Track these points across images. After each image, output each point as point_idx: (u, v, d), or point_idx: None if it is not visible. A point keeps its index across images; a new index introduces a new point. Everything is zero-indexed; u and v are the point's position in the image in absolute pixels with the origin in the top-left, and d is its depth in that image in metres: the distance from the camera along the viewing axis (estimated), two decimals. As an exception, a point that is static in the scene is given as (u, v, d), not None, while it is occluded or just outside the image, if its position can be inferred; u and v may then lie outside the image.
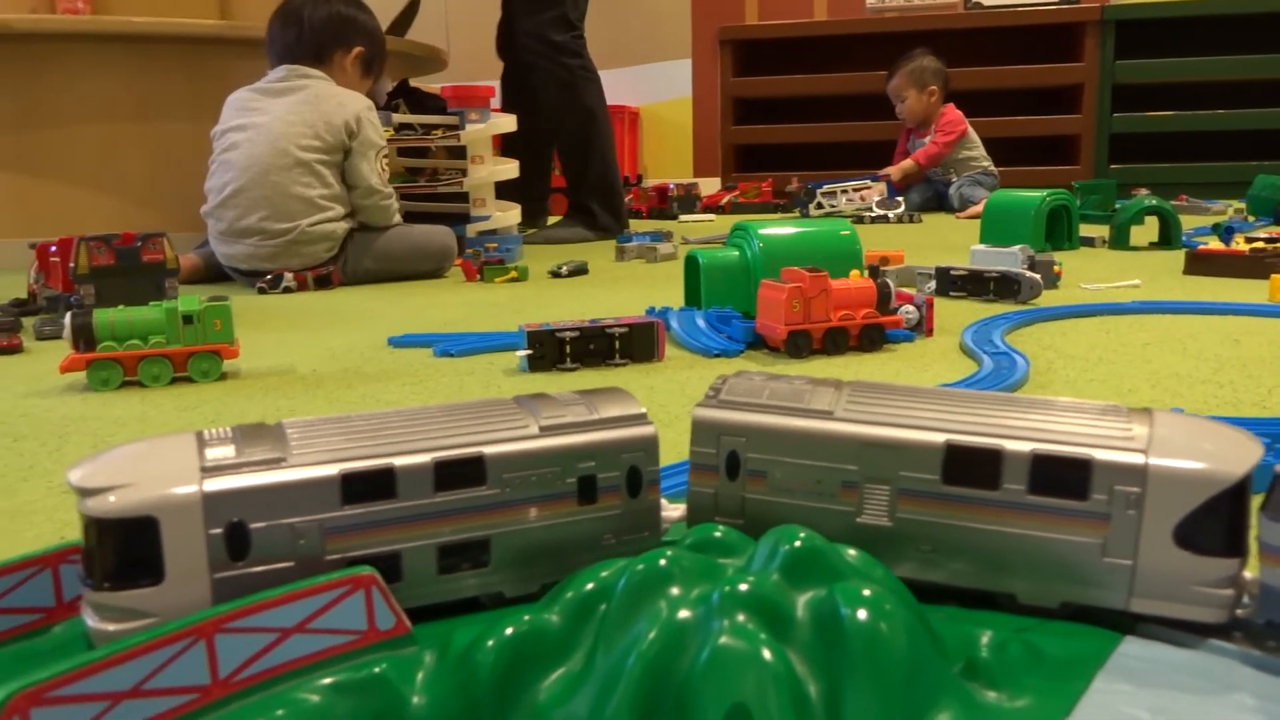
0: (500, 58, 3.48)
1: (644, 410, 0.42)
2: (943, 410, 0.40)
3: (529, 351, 1.36)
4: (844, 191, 4.07)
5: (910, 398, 0.41)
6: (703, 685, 0.30)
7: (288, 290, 2.30)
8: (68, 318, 1.32)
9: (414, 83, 3.04)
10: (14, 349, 1.61)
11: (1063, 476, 0.39)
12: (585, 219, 3.38)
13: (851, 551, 0.34)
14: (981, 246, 2.17)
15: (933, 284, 1.99)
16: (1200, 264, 2.13)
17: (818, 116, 5.10)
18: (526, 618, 0.33)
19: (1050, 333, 1.59)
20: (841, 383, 0.43)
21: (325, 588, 0.34)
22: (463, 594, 0.39)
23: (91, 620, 0.34)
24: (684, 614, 0.32)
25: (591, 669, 0.32)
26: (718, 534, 0.36)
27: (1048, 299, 1.87)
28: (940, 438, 0.39)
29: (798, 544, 0.33)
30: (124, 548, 0.33)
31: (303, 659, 0.33)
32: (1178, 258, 2.47)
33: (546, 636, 0.33)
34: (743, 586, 0.32)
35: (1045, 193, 2.66)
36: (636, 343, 1.42)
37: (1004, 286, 1.92)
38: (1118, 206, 3.29)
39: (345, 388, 1.30)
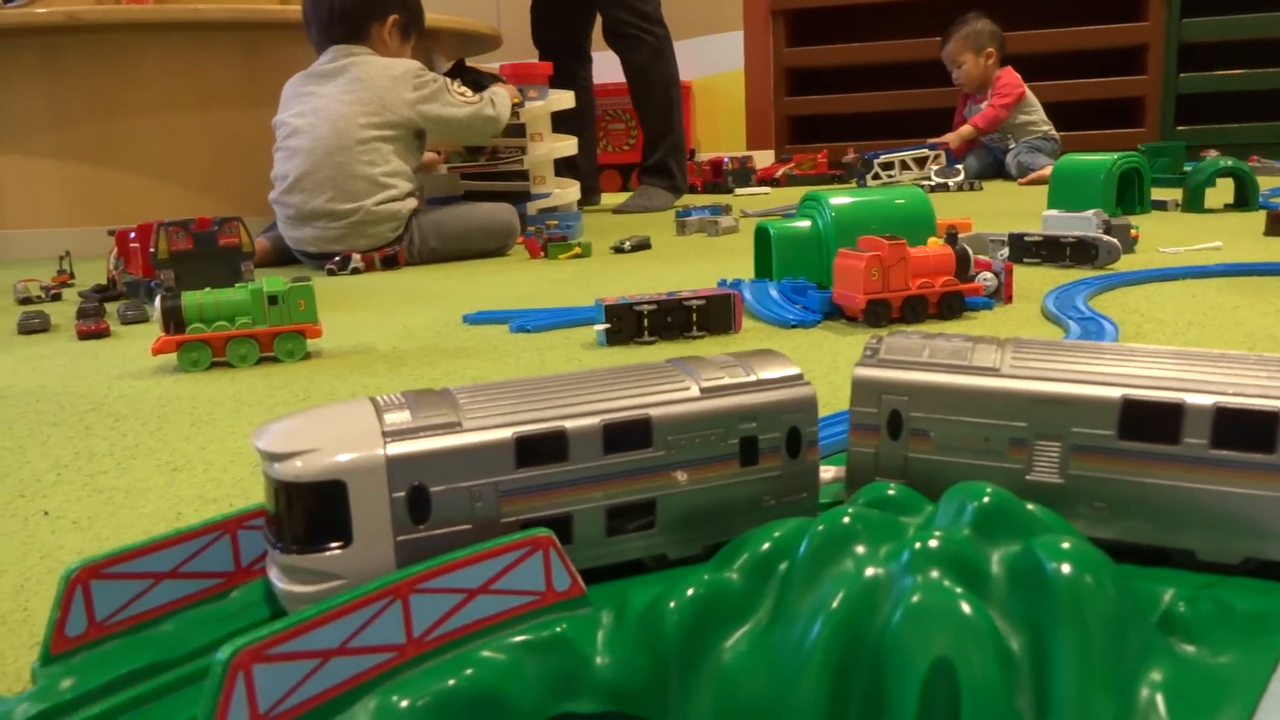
0: (537, 44, 3.55)
1: (800, 371, 0.42)
2: (1114, 365, 0.39)
3: (607, 325, 1.37)
4: (901, 161, 4.02)
5: (1078, 353, 0.40)
6: (900, 642, 0.30)
7: (356, 271, 2.32)
8: (157, 301, 1.35)
9: (470, 62, 3.05)
10: (102, 333, 1.65)
11: (1248, 430, 0.38)
12: (666, 180, 3.62)
13: (1030, 506, 0.34)
14: (1053, 212, 2.12)
15: (1005, 251, 1.96)
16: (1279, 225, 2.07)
17: (872, 85, 5.03)
18: (706, 577, 0.33)
19: (1134, 297, 1.56)
20: (1003, 339, 0.42)
21: (506, 549, 0.34)
22: (628, 556, 0.39)
23: (281, 582, 0.35)
24: (874, 572, 0.32)
25: (777, 629, 0.32)
26: (891, 492, 0.36)
27: (1126, 263, 1.83)
28: (1117, 392, 0.38)
29: (986, 499, 0.33)
30: (314, 511, 0.34)
31: (487, 619, 0.34)
32: (1256, 219, 2.40)
33: (728, 596, 0.33)
34: (933, 543, 0.31)
35: (1116, 155, 2.60)
36: (714, 315, 1.41)
37: (1081, 252, 1.88)
38: (1187, 169, 3.21)
39: (428, 365, 1.32)
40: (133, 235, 1.99)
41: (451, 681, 0.31)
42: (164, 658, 0.34)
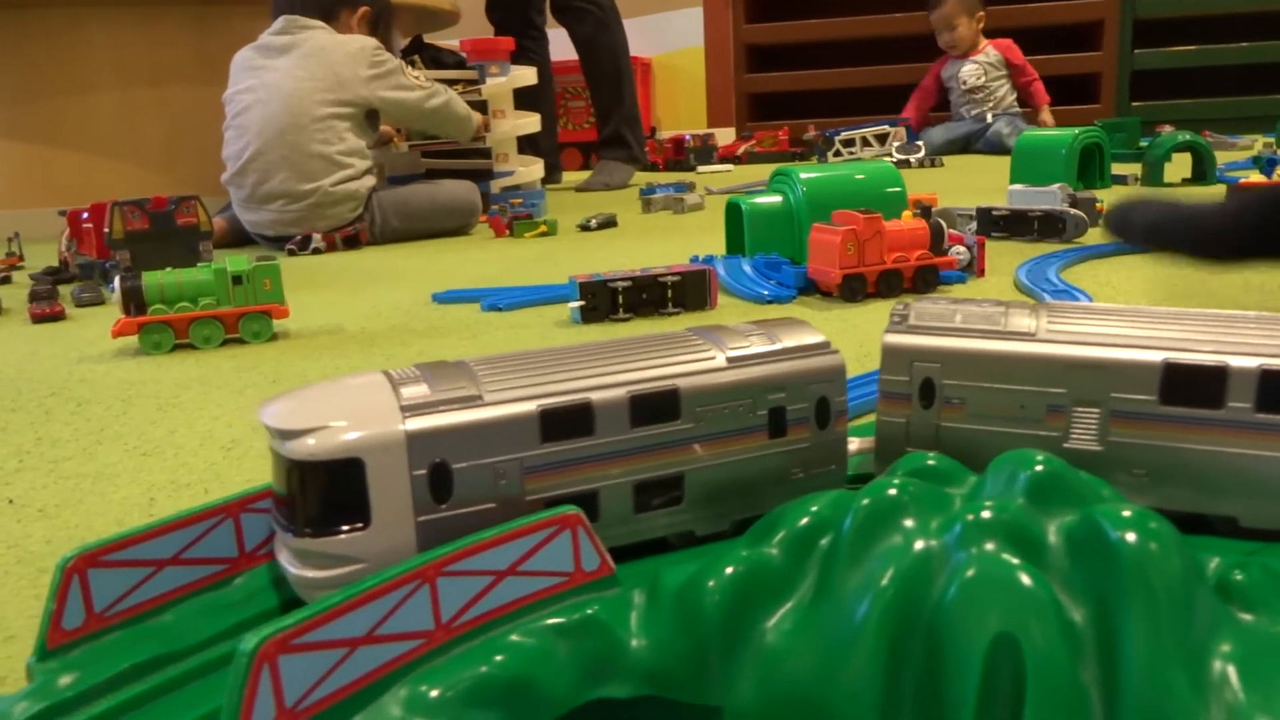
0: (490, 20, 3.52)
1: (827, 339, 0.40)
2: (1154, 328, 0.38)
3: (581, 303, 1.35)
4: (863, 138, 4.02)
5: (1115, 317, 0.39)
6: (959, 618, 0.29)
7: (317, 251, 2.28)
8: (116, 281, 1.30)
9: (428, 39, 3.00)
10: (57, 316, 1.60)
11: None
12: (623, 150, 3.63)
13: (1082, 474, 0.33)
14: (1019, 186, 2.13)
15: (973, 225, 1.97)
16: (1243, 197, 2.09)
17: (833, 62, 5.03)
18: (744, 553, 0.32)
19: (1104, 270, 1.56)
20: (1036, 304, 0.41)
21: (534, 528, 0.32)
22: (656, 533, 0.38)
23: (293, 567, 0.33)
24: (925, 545, 0.30)
25: (823, 607, 0.31)
26: (931, 462, 0.34)
27: (1094, 237, 1.84)
28: (1158, 356, 0.37)
29: (1039, 468, 0.32)
30: (329, 491, 0.32)
31: (515, 602, 0.32)
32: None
33: (769, 573, 0.32)
34: (986, 514, 0.30)
35: (1077, 130, 2.62)
36: (689, 291, 1.40)
37: (1048, 225, 1.89)
38: (1143, 144, 3.24)
39: (400, 344, 1.29)
40: (85, 215, 1.93)
41: (483, 669, 0.30)
42: (169, 650, 0.32)
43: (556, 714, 0.31)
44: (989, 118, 4.28)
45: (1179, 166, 2.80)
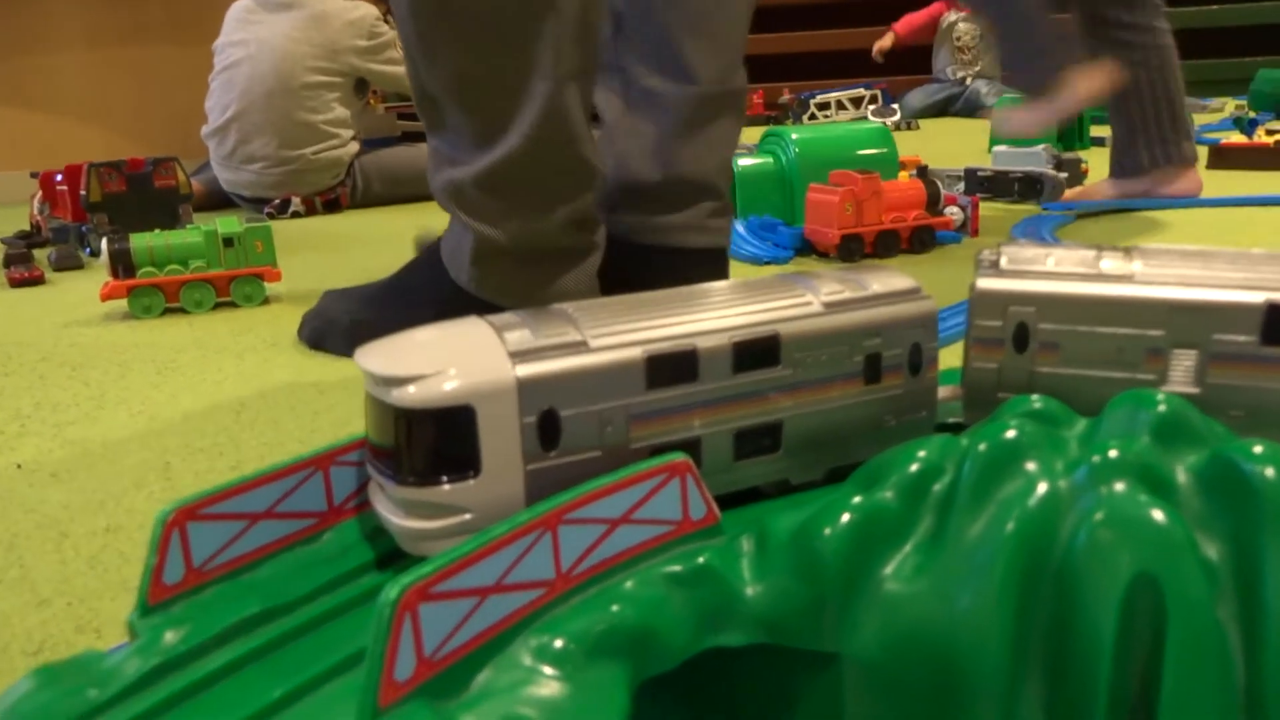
0: None
1: (919, 284, 0.40)
2: (1250, 270, 0.38)
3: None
4: (838, 101, 4.01)
5: (1211, 259, 0.39)
6: (1094, 559, 0.28)
7: (296, 215, 2.24)
8: (104, 244, 1.27)
9: None
10: (36, 280, 1.56)
11: None
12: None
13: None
14: (1004, 148, 2.14)
15: (961, 185, 1.97)
16: (1225, 158, 2.12)
17: (808, 25, 5.00)
18: (858, 500, 0.31)
19: (1098, 228, 1.57)
20: (1129, 248, 0.41)
21: (646, 475, 0.32)
22: (754, 481, 0.37)
23: (398, 518, 0.32)
24: (1052, 487, 0.30)
25: (944, 552, 0.30)
26: (1038, 405, 0.34)
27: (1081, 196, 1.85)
28: (1259, 297, 0.37)
29: (1162, 408, 0.31)
30: (439, 440, 0.31)
31: (627, 551, 0.31)
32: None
33: (886, 519, 0.31)
34: (1113, 454, 0.30)
35: (1057, 92, 2.63)
36: (688, 252, 1.38)
37: (1028, 187, 1.90)
38: (1118, 107, 3.26)
39: (397, 307, 1.27)
40: (59, 178, 1.87)
41: (607, 619, 0.29)
42: (272, 604, 0.31)
43: (674, 664, 0.31)
44: (969, 81, 4.27)
45: (1155, 129, 2.81)
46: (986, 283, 0.40)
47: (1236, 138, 2.27)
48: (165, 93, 2.82)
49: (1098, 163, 2.34)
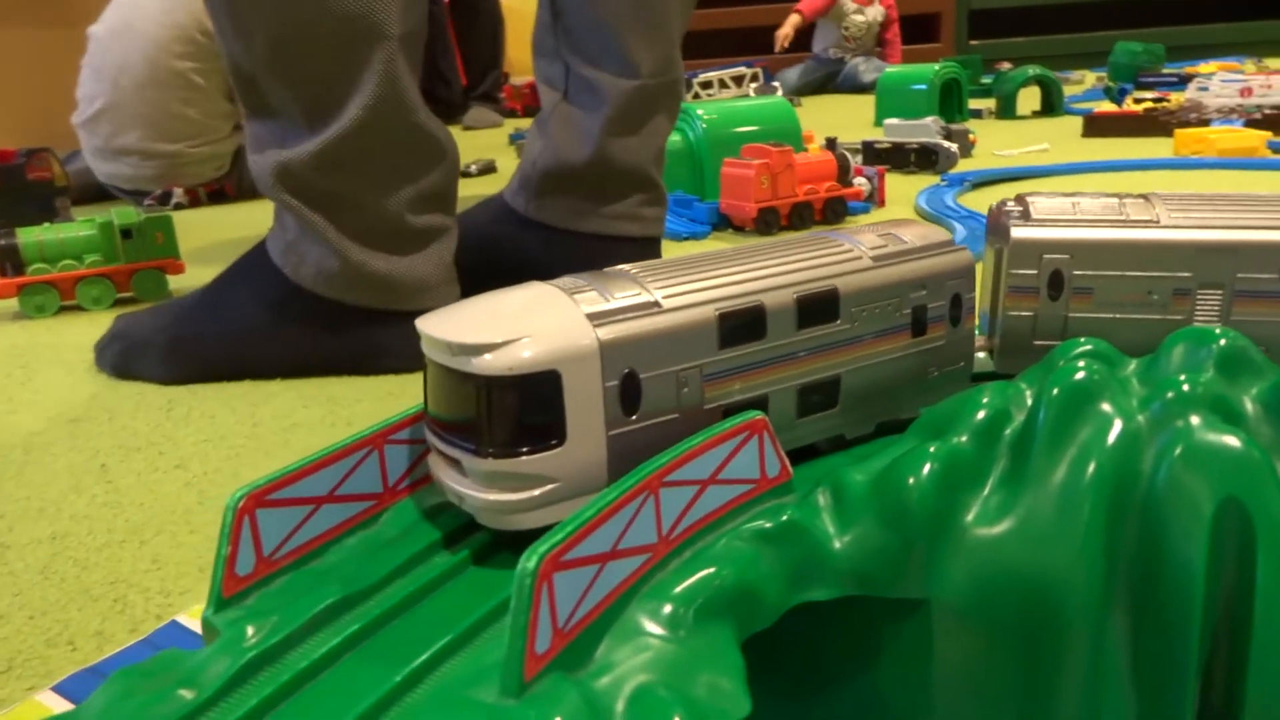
0: None
1: (951, 235, 0.40)
2: (1267, 212, 0.40)
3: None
4: (720, 80, 4.04)
5: (1228, 203, 0.41)
6: (1180, 488, 0.29)
7: (179, 206, 2.13)
8: (-12, 240, 1.19)
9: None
10: (-95, 284, 1.44)
11: None
12: (493, 104, 3.88)
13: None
14: (895, 120, 2.19)
15: (859, 157, 2.02)
16: (1099, 126, 2.22)
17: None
18: (933, 449, 0.32)
19: (995, 196, 1.63)
20: (1147, 195, 0.42)
21: (729, 435, 0.31)
22: (813, 438, 0.37)
23: (479, 492, 0.30)
24: (1130, 423, 0.31)
25: (1027, 493, 0.31)
26: (1088, 347, 0.35)
27: (965, 166, 1.92)
28: None
29: (1223, 342, 0.33)
30: (524, 408, 0.29)
31: (715, 511, 0.31)
32: (1067, 123, 2.57)
33: (966, 464, 0.32)
34: (1185, 388, 0.31)
35: (937, 65, 2.71)
36: (608, 229, 1.37)
37: (923, 157, 1.96)
38: (986, 81, 3.40)
39: (315, 295, 1.22)
40: (-82, 173, 1.74)
41: (710, 581, 0.29)
42: (350, 591, 0.29)
43: (770, 622, 0.31)
44: (847, 59, 4.36)
45: (1029, 99, 2.94)
46: (1021, 232, 0.41)
47: (1108, 106, 2.39)
48: (24, 77, 2.63)
49: (981, 133, 2.43)
